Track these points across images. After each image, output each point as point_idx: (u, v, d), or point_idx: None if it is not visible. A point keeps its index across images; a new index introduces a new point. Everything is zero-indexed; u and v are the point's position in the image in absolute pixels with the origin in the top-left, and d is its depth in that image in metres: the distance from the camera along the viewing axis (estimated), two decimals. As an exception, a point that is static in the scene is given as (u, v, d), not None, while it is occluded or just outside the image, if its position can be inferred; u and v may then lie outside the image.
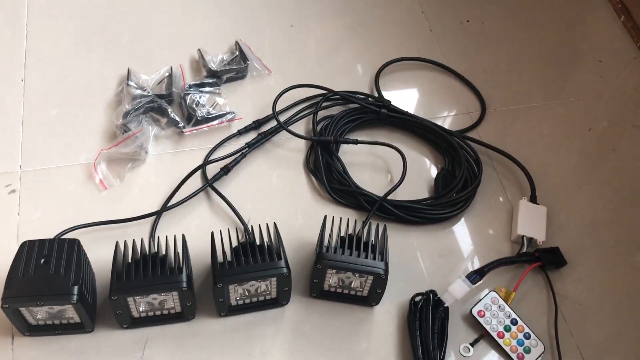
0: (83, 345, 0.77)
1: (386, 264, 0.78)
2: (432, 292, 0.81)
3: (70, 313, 0.75)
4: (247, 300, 0.81)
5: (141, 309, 0.77)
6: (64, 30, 1.09)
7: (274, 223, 0.81)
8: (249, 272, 0.75)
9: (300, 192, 0.94)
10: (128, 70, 1.01)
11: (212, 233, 0.80)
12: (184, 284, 0.73)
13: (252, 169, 0.96)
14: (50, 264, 0.72)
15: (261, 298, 0.81)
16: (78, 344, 0.77)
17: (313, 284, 0.81)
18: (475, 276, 0.81)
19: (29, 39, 1.07)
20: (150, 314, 0.78)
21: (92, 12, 1.12)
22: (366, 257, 0.78)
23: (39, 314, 0.74)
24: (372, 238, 0.80)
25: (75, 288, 0.71)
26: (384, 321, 0.83)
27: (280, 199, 0.93)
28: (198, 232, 0.87)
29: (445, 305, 0.80)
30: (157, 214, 0.87)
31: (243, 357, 0.78)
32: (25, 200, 0.88)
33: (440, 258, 0.89)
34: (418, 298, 0.82)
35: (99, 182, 0.90)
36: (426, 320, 0.79)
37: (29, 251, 0.74)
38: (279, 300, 0.81)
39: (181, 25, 1.13)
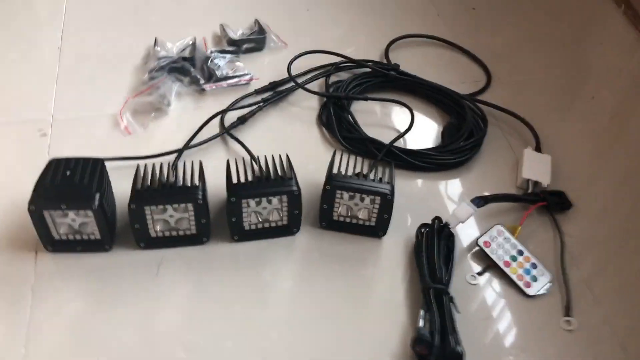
0: (101, 263, 0.80)
1: (392, 187, 0.81)
2: (437, 218, 0.83)
3: (91, 228, 0.79)
4: (260, 226, 0.84)
5: (158, 228, 0.81)
6: (100, 10, 1.20)
7: (286, 154, 0.85)
8: (261, 188, 0.79)
9: (312, 143, 0.99)
10: (155, 38, 1.09)
11: (228, 161, 0.84)
12: (199, 195, 0.77)
13: (268, 122, 1.01)
14: (75, 175, 0.77)
15: (273, 224, 0.84)
16: (96, 262, 0.80)
17: (323, 210, 0.84)
18: (479, 201, 0.83)
19: (68, 15, 1.17)
20: (167, 234, 0.82)
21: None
22: (373, 181, 0.81)
23: (62, 227, 0.79)
24: (380, 175, 0.84)
25: (97, 195, 0.76)
26: (392, 251, 0.85)
27: (293, 149, 0.96)
28: (215, 173, 0.91)
29: (450, 227, 0.82)
30: (179, 152, 0.92)
31: (253, 277, 0.80)
32: (54, 142, 0.94)
33: (447, 201, 0.92)
34: (423, 229, 0.85)
35: (124, 128, 0.96)
36: (431, 242, 0.81)
37: (56, 166, 0.79)
38: (290, 228, 0.84)
39: (204, 8, 1.23)
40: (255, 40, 1.12)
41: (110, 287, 0.78)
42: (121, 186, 0.83)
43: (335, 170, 0.82)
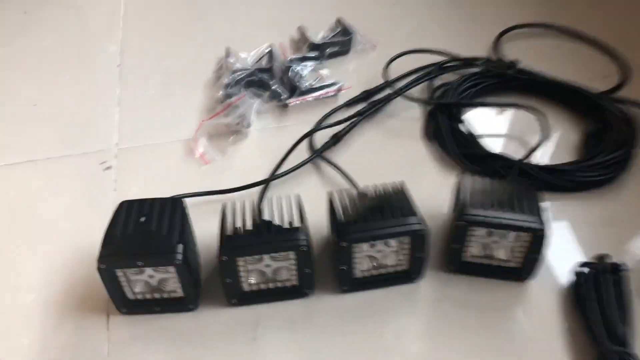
0: (185, 325, 0.66)
1: (542, 220, 0.64)
2: (605, 255, 0.66)
3: (172, 284, 0.65)
4: (374, 273, 0.68)
5: (252, 281, 0.66)
6: (160, 19, 1.06)
7: (402, 181, 0.69)
8: (376, 229, 0.63)
9: (421, 162, 0.82)
10: (226, 48, 0.95)
11: (331, 193, 0.69)
12: (304, 241, 0.62)
13: (365, 140, 0.85)
14: (152, 222, 0.63)
15: (390, 270, 0.68)
16: (179, 324, 0.66)
17: (451, 251, 0.67)
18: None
19: (125, 28, 1.04)
20: (263, 287, 0.67)
21: (186, 1, 1.10)
22: (515, 211, 0.64)
23: (138, 285, 0.65)
24: (519, 202, 0.67)
25: (180, 247, 0.61)
26: (541, 298, 0.67)
27: (399, 171, 0.81)
28: (309, 204, 0.76)
29: (623, 269, 0.64)
30: (265, 183, 0.78)
31: (374, 338, 0.64)
32: (121, 176, 0.81)
33: (598, 227, 0.74)
34: (584, 268, 0.67)
35: (199, 156, 0.82)
36: (602, 288, 0.63)
37: (128, 210, 0.65)
38: (410, 274, 0.68)
39: (277, 9, 1.08)
40: (339, 43, 0.96)
41: (198, 354, 0.64)
42: (201, 227, 0.69)
43: (465, 200, 0.66)
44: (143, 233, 0.62)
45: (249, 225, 0.64)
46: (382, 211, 0.64)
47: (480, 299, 0.67)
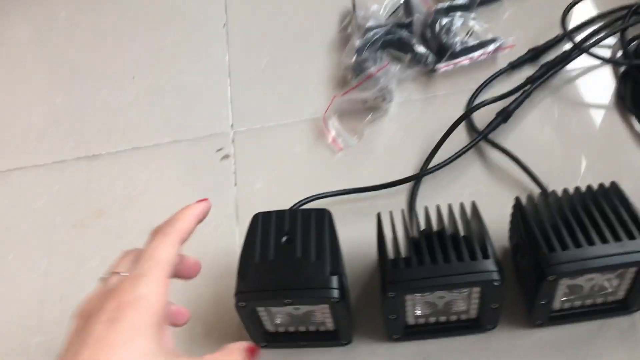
0: (336, 362, 0.54)
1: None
2: None
3: (321, 316, 0.52)
4: (578, 303, 0.52)
5: (419, 313, 0.53)
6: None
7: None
8: (600, 256, 0.47)
9: (619, 141, 0.63)
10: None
11: (518, 198, 0.53)
12: (496, 275, 0.47)
13: (537, 114, 0.67)
14: (296, 244, 0.50)
15: (599, 300, 0.52)
16: (328, 360, 0.54)
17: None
18: None
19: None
20: (431, 319, 0.53)
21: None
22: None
23: (279, 317, 0.53)
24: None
25: (334, 280, 0.48)
26: None
27: (590, 153, 0.63)
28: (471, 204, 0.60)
29: None
30: (416, 179, 0.62)
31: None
32: (241, 167, 0.68)
33: None
34: None
35: (331, 141, 0.68)
36: None
37: (265, 226, 0.52)
38: (627, 303, 0.52)
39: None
40: (495, -14, 0.76)
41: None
42: (344, 233, 0.55)
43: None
44: (287, 260, 0.49)
45: (416, 248, 0.50)
46: (598, 230, 0.48)
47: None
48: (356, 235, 0.58)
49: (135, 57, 0.83)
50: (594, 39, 0.68)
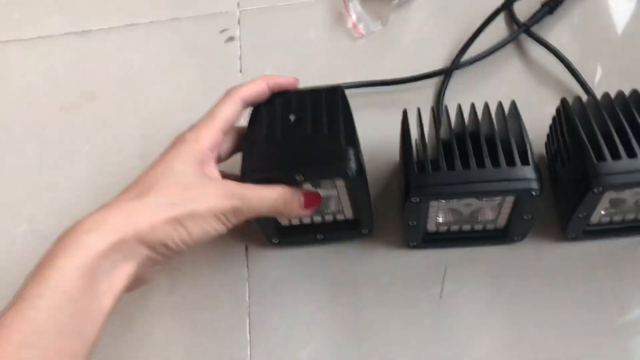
0: (357, 257, 0.50)
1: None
2: None
3: (336, 205, 0.48)
4: (618, 218, 0.47)
5: (441, 220, 0.48)
6: None
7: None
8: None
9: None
10: None
11: (564, 99, 0.46)
12: (535, 184, 0.42)
13: (589, 5, 0.59)
14: (307, 122, 0.44)
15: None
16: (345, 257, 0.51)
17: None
18: None
19: None
20: (454, 228, 0.49)
21: None
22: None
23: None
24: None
25: (351, 152, 0.43)
26: None
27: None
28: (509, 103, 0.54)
29: None
30: (445, 73, 0.56)
31: (610, 308, 0.46)
32: (248, 51, 0.61)
33: None
34: None
35: (351, 26, 0.60)
36: None
37: (270, 107, 0.46)
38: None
39: None
40: None
41: (372, 298, 0.49)
42: (366, 132, 0.49)
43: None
44: (297, 137, 0.43)
45: (446, 150, 0.44)
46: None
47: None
48: (376, 134, 0.53)
49: None
50: None
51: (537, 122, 0.50)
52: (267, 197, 0.42)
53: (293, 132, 0.44)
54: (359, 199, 0.46)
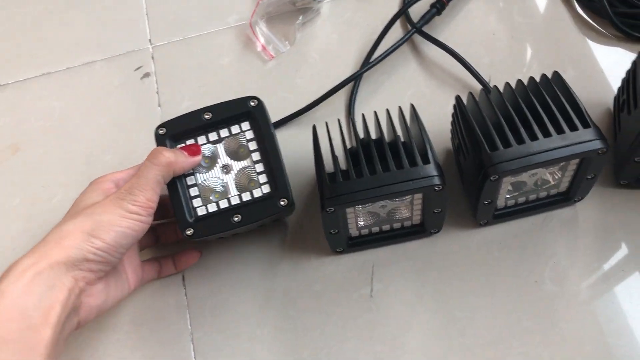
0: (287, 275, 0.53)
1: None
2: None
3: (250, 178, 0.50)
4: (522, 199, 0.51)
5: (362, 223, 0.51)
6: None
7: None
8: (536, 152, 0.45)
9: (563, 31, 0.61)
10: None
11: (459, 97, 0.50)
12: (437, 180, 0.45)
13: (478, 3, 0.63)
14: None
15: (543, 194, 0.51)
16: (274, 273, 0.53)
17: (632, 165, 0.49)
18: None
19: None
20: (375, 229, 0.52)
21: None
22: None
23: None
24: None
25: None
26: None
27: (532, 44, 0.60)
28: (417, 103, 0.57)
29: None
30: (351, 81, 0.58)
31: (525, 284, 0.50)
32: (165, 85, 0.63)
33: None
34: None
35: (261, 49, 0.63)
36: None
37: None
38: (570, 194, 0.51)
39: None
40: None
41: (313, 305, 0.51)
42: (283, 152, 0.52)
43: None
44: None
45: (354, 159, 0.47)
46: (541, 123, 0.46)
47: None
48: (298, 152, 0.55)
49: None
50: None
51: (444, 119, 0.54)
52: (154, 172, 0.45)
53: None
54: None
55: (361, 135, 0.49)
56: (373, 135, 0.49)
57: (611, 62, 0.57)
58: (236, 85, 0.61)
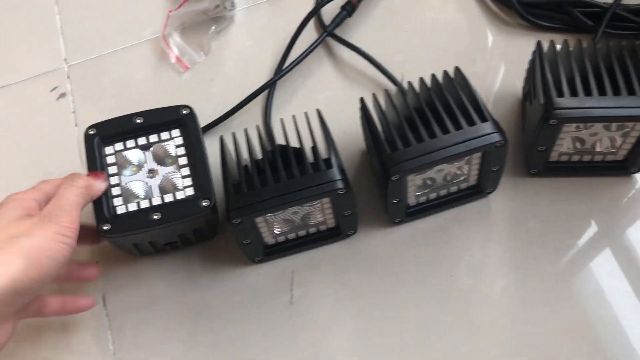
0: (206, 288, 0.52)
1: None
2: None
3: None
4: (433, 195, 0.52)
5: (277, 231, 0.51)
6: None
7: (456, 67, 0.49)
8: (438, 149, 0.45)
9: (472, 26, 0.61)
10: None
11: (362, 99, 0.50)
12: (340, 183, 0.45)
13: (388, 5, 0.63)
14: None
15: (454, 188, 0.52)
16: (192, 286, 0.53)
17: (536, 154, 0.50)
18: None
19: None
20: (291, 235, 0.52)
21: None
22: (621, 93, 0.46)
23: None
24: (616, 63, 0.47)
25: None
26: None
27: (443, 40, 0.61)
28: (331, 108, 0.57)
29: None
30: (269, 86, 0.58)
31: (441, 279, 0.50)
32: (81, 104, 0.62)
33: None
34: None
35: (175, 60, 0.62)
36: None
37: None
38: (481, 187, 0.52)
39: None
40: None
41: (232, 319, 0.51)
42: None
43: (548, 85, 0.47)
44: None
45: (262, 165, 0.47)
46: (440, 121, 0.46)
47: (579, 204, 0.52)
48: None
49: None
50: None
51: (359, 120, 0.54)
52: (74, 194, 0.44)
53: None
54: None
55: (280, 141, 0.49)
56: (293, 140, 0.49)
57: (519, 52, 0.58)
58: (152, 99, 0.61)
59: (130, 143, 0.50)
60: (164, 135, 0.51)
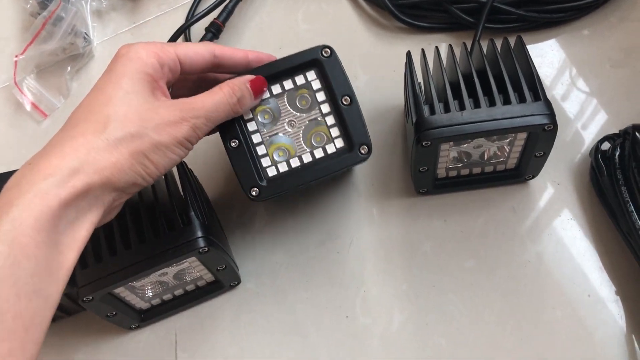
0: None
1: (548, 104, 0.42)
2: (636, 127, 0.45)
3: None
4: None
5: (149, 295, 0.46)
6: None
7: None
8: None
9: (350, 33, 0.56)
10: None
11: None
12: (201, 242, 0.40)
13: (260, 17, 0.58)
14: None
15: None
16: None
17: (420, 174, 0.46)
18: None
19: None
20: (167, 297, 0.47)
21: None
22: (496, 103, 0.42)
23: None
24: (502, 65, 0.43)
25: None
26: (538, 195, 0.48)
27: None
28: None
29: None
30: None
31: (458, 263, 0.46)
32: None
33: (616, 69, 0.52)
34: (606, 144, 0.47)
35: (31, 108, 0.56)
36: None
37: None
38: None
39: None
40: None
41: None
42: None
43: (419, 102, 0.42)
44: None
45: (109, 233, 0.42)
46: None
47: (471, 217, 0.48)
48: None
49: None
50: None
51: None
52: (220, 100, 0.39)
53: None
54: None
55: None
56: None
57: (402, 58, 0.53)
58: (8, 154, 0.55)
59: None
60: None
